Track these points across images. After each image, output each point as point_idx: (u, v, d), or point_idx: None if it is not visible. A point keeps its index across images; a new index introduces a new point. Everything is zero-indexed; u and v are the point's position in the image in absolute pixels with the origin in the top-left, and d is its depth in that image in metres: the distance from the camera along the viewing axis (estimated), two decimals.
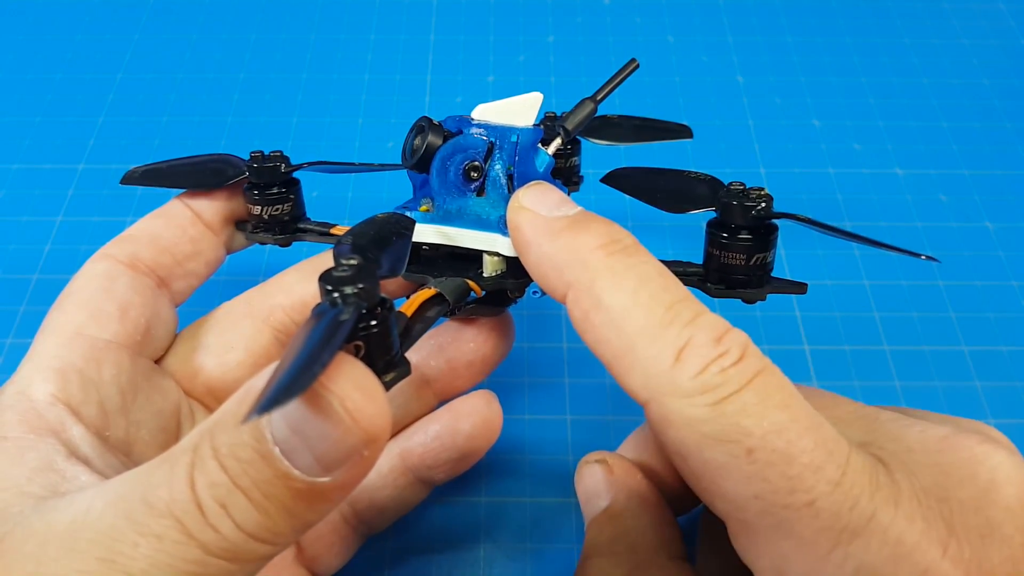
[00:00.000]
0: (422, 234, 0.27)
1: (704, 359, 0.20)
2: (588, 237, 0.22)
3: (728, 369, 0.20)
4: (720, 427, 0.19)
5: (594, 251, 0.22)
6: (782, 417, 0.19)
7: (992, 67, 0.52)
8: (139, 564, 0.18)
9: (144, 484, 0.19)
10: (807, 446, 0.19)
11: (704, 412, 0.20)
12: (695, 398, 0.20)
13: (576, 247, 0.22)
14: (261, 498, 0.18)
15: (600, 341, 0.22)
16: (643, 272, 0.22)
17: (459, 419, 0.30)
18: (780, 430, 0.19)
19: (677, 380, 0.20)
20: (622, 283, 0.21)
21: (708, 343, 0.20)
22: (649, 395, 0.21)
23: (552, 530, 0.34)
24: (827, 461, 0.19)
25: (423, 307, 0.25)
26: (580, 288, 0.22)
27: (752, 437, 0.19)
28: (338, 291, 0.18)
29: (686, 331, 0.21)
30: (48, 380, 0.25)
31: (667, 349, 0.20)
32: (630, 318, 0.21)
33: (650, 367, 0.20)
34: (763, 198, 0.25)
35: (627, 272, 0.22)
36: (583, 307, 0.22)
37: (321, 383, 0.18)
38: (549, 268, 0.23)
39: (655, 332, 0.21)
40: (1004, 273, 0.42)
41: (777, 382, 0.20)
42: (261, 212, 0.30)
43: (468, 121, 0.27)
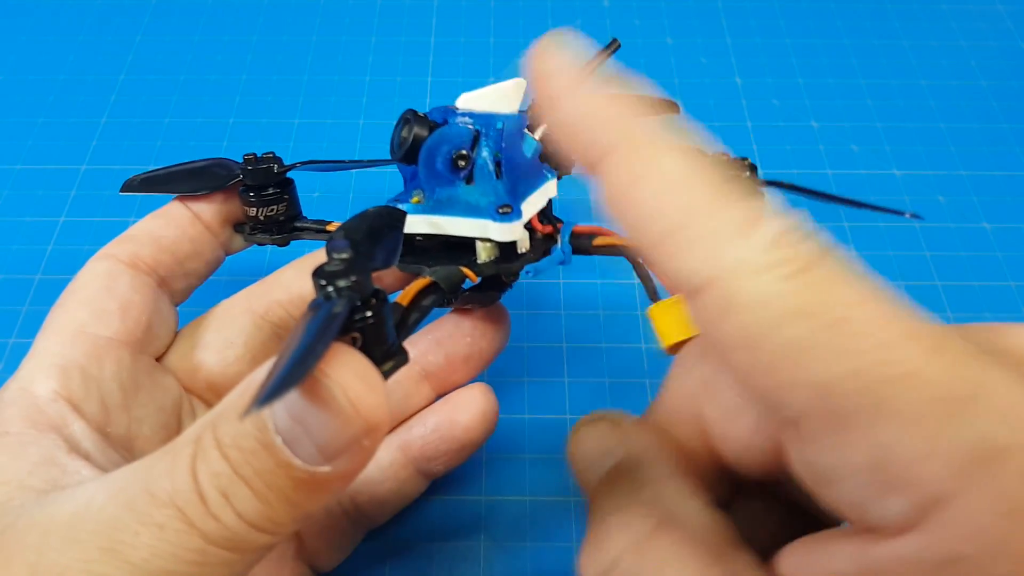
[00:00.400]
0: (414, 225, 0.27)
1: (775, 230, 0.18)
2: (630, 101, 0.20)
3: (800, 243, 0.17)
4: (803, 299, 0.17)
5: (640, 116, 0.19)
6: (863, 288, 0.17)
7: (990, 68, 0.53)
8: (141, 553, 0.18)
9: (146, 475, 0.19)
10: (895, 314, 0.17)
11: (782, 285, 0.17)
12: (771, 271, 0.17)
13: (621, 108, 0.19)
14: (263, 487, 0.18)
15: (648, 215, 0.18)
16: (693, 149, 0.19)
17: (457, 411, 0.30)
18: (867, 299, 0.17)
19: (747, 253, 0.17)
20: (675, 153, 0.19)
21: (776, 217, 0.18)
22: (712, 273, 0.18)
23: (551, 528, 0.34)
24: (920, 331, 0.17)
25: (419, 296, 0.25)
26: (626, 151, 0.19)
27: (838, 307, 0.17)
28: (331, 285, 0.19)
29: (751, 203, 0.18)
30: (50, 377, 0.25)
31: (732, 221, 0.18)
32: (688, 188, 0.18)
33: (714, 240, 0.18)
34: (747, 168, 0.25)
35: (678, 143, 0.19)
36: (627, 173, 0.19)
37: (322, 372, 0.18)
38: (588, 126, 0.20)
39: (716, 204, 0.18)
40: (1002, 274, 0.42)
41: (847, 259, 0.18)
42: (257, 213, 0.30)
43: (453, 111, 0.28)
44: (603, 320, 0.40)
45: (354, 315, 0.19)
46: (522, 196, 0.27)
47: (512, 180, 0.27)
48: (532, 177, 0.28)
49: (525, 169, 0.28)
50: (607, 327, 0.40)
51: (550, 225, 0.28)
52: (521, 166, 0.28)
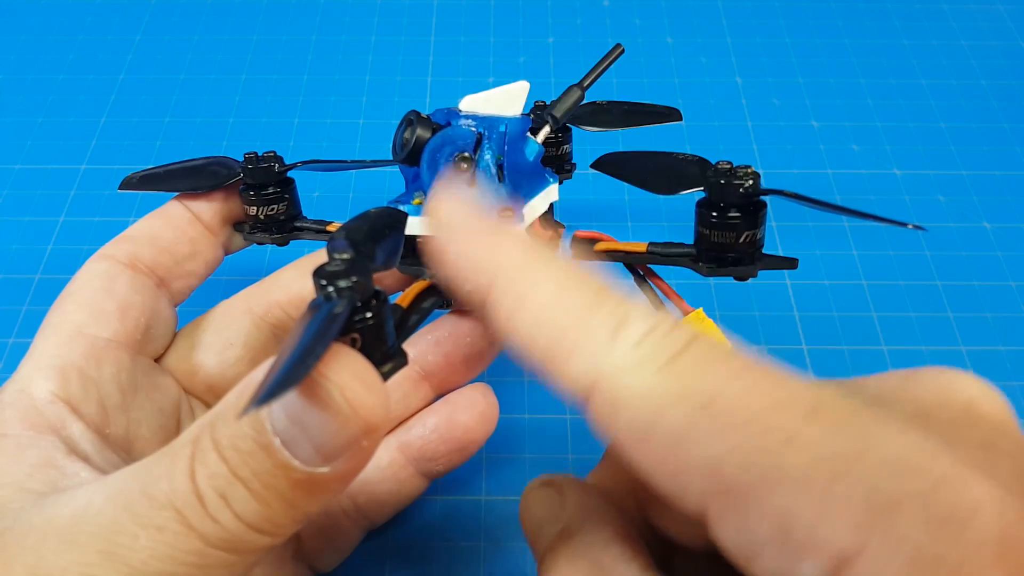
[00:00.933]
0: (415, 227, 0.27)
1: (643, 328, 0.19)
2: (504, 237, 0.21)
3: (666, 336, 0.18)
4: (673, 388, 0.18)
5: (513, 249, 0.21)
6: (733, 364, 0.18)
7: (990, 68, 0.53)
8: (139, 556, 0.18)
9: (144, 477, 0.19)
10: (766, 387, 0.18)
11: (654, 379, 0.18)
12: (641, 367, 0.18)
13: (495, 245, 0.21)
14: (261, 489, 0.18)
15: (528, 340, 0.20)
16: (565, 266, 0.20)
17: (456, 411, 0.30)
18: (736, 375, 0.18)
19: (618, 354, 0.18)
20: (545, 276, 0.20)
21: (643, 316, 0.19)
22: (591, 379, 0.19)
23: None
24: (793, 394, 0.18)
25: (419, 298, 0.25)
26: (503, 285, 0.20)
27: (709, 388, 0.18)
28: (332, 285, 0.19)
29: (620, 308, 0.19)
30: (48, 378, 0.25)
31: (603, 327, 0.19)
32: (559, 307, 0.19)
33: (587, 348, 0.19)
34: (750, 176, 0.25)
35: (548, 266, 0.20)
36: (506, 307, 0.20)
37: (321, 373, 0.18)
38: (470, 267, 0.21)
39: (588, 314, 0.19)
40: (1002, 273, 0.42)
41: (715, 341, 0.19)
42: (257, 212, 0.30)
43: (456, 113, 0.27)
44: None
45: (354, 316, 0.19)
46: (524, 200, 0.27)
47: (514, 183, 0.27)
48: (534, 181, 0.28)
49: (527, 173, 0.28)
50: None
51: (551, 229, 0.28)
52: (523, 169, 0.28)
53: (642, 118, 0.34)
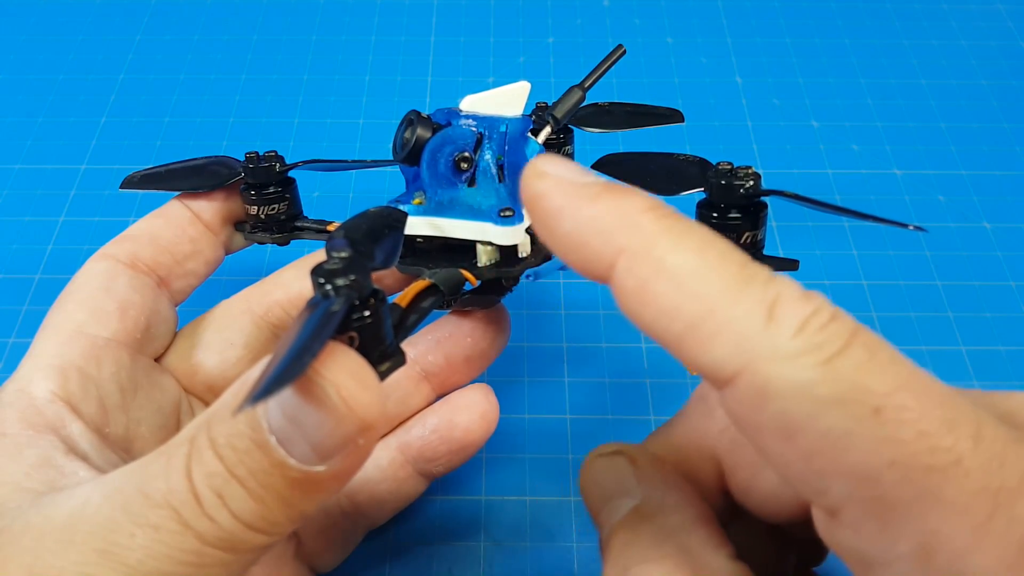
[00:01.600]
0: (415, 227, 0.27)
1: (800, 315, 0.17)
2: (632, 200, 0.19)
3: (828, 325, 0.17)
4: (838, 388, 0.17)
5: (644, 213, 0.19)
6: (901, 371, 0.17)
7: (990, 68, 0.53)
8: (136, 555, 0.18)
9: (141, 476, 0.19)
10: (935, 401, 0.17)
11: (816, 373, 0.17)
12: (802, 358, 0.17)
13: (624, 209, 0.19)
14: (257, 487, 0.18)
15: (667, 312, 0.18)
16: (701, 233, 0.19)
17: (456, 412, 0.30)
18: (904, 385, 0.17)
19: (776, 340, 0.17)
20: (685, 243, 0.18)
21: (798, 298, 0.17)
22: (742, 363, 0.17)
23: (551, 527, 0.34)
24: (959, 416, 0.17)
25: (418, 298, 0.25)
26: (636, 252, 0.18)
27: (876, 395, 0.16)
28: (330, 283, 0.19)
29: (771, 286, 0.18)
30: (48, 377, 0.25)
31: (756, 307, 0.17)
32: (704, 279, 0.18)
33: (739, 330, 0.17)
34: (751, 176, 0.25)
35: (687, 233, 0.19)
36: (640, 274, 0.18)
37: (316, 371, 0.18)
38: (592, 234, 0.19)
39: (737, 291, 0.17)
40: (1002, 273, 0.42)
41: (877, 339, 0.18)
42: (258, 212, 0.30)
43: (456, 113, 0.27)
44: (603, 320, 0.40)
45: (352, 314, 0.19)
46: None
47: (515, 184, 0.27)
48: None
49: None
50: (607, 327, 0.40)
51: None
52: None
53: (644, 120, 0.34)
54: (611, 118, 0.33)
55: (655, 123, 0.34)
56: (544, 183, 0.20)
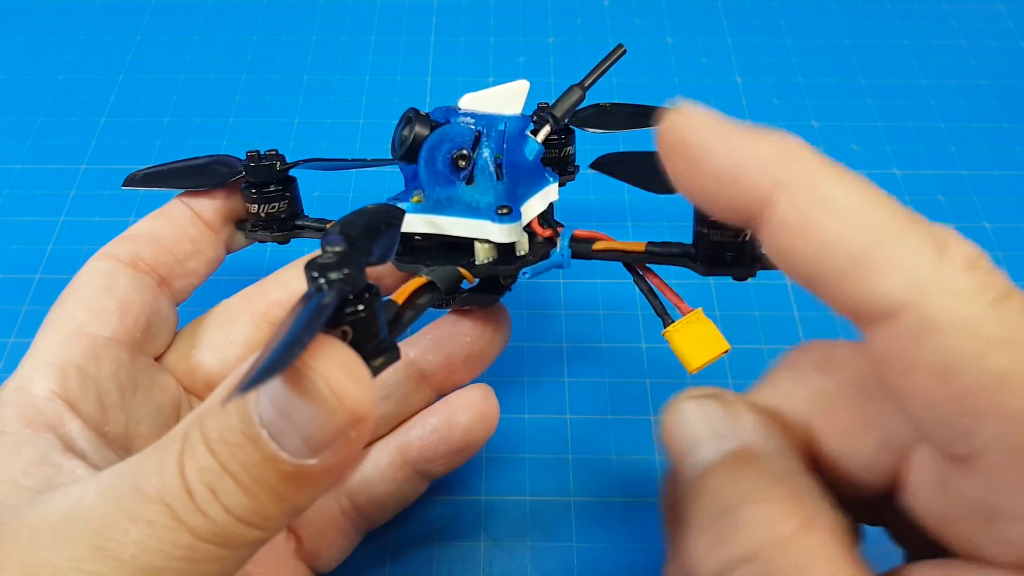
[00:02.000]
0: (412, 224, 0.27)
1: (970, 255, 0.17)
2: (791, 138, 0.19)
3: (995, 269, 0.17)
4: (1007, 329, 0.16)
5: (804, 148, 0.19)
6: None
7: (990, 68, 0.53)
8: (129, 550, 0.18)
9: (135, 472, 0.19)
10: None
11: (986, 312, 0.16)
12: (973, 296, 0.17)
13: (783, 143, 0.19)
14: (250, 481, 0.18)
15: (832, 245, 0.18)
16: (860, 177, 0.19)
17: (456, 412, 0.30)
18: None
19: (949, 275, 0.17)
20: (849, 179, 0.18)
21: (965, 240, 0.17)
22: (911, 296, 0.17)
23: (551, 528, 0.34)
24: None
25: (414, 295, 0.25)
26: (798, 185, 0.18)
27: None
28: (323, 277, 0.19)
29: (937, 227, 0.17)
30: (47, 376, 0.25)
31: (927, 242, 0.17)
32: (872, 212, 0.18)
33: (910, 263, 0.17)
34: None
35: (847, 171, 0.18)
36: (803, 207, 0.18)
37: (305, 363, 0.18)
38: (749, 167, 0.19)
39: (906, 226, 0.17)
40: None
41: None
42: (258, 210, 0.31)
43: (455, 111, 0.27)
44: (603, 320, 0.40)
45: (345, 308, 0.19)
46: (522, 198, 0.27)
47: (513, 182, 0.27)
48: (533, 180, 0.28)
49: (526, 172, 0.28)
50: (607, 327, 0.40)
51: (550, 229, 0.28)
52: (522, 168, 0.28)
53: (645, 120, 0.34)
54: (612, 119, 0.33)
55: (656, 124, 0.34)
56: (690, 120, 0.20)
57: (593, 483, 0.35)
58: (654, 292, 0.28)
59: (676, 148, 0.20)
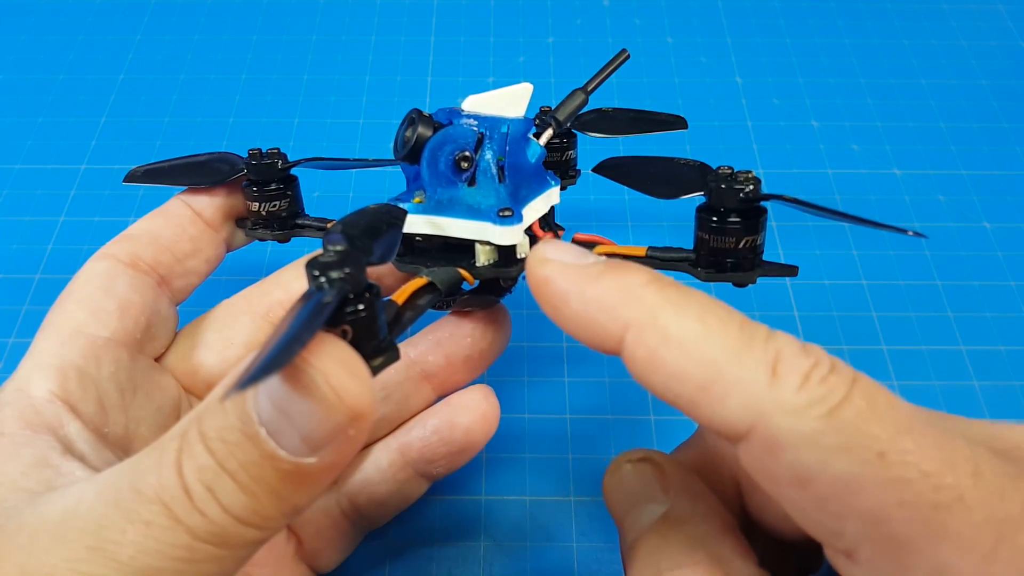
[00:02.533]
0: (414, 225, 0.27)
1: (802, 369, 0.19)
2: (633, 276, 0.21)
3: (828, 377, 0.18)
4: (843, 436, 0.18)
5: (645, 287, 0.21)
6: (899, 416, 0.18)
7: (990, 68, 0.53)
8: (127, 551, 0.18)
9: (133, 472, 0.19)
10: (933, 441, 0.18)
11: (821, 423, 0.18)
12: (807, 411, 0.18)
13: (626, 285, 0.21)
14: (248, 480, 0.18)
15: (677, 377, 0.20)
16: (701, 299, 0.20)
17: (457, 413, 0.30)
18: (904, 429, 0.18)
19: (782, 395, 0.18)
20: (686, 311, 0.20)
21: (798, 353, 0.19)
22: (753, 419, 0.19)
23: (551, 528, 0.34)
24: (957, 454, 0.18)
25: (414, 295, 0.25)
26: (642, 324, 0.20)
27: (880, 440, 0.18)
28: (324, 275, 0.19)
29: (770, 345, 0.19)
30: (47, 377, 0.25)
31: (760, 365, 0.19)
32: (708, 343, 0.19)
33: (747, 388, 0.19)
34: (751, 181, 0.25)
35: (687, 301, 0.20)
36: (649, 345, 0.20)
37: (304, 360, 0.18)
38: (598, 312, 0.21)
39: (740, 351, 0.19)
40: (1002, 273, 0.42)
41: (875, 385, 0.19)
42: (259, 209, 0.31)
43: (458, 112, 0.27)
44: None
45: (345, 307, 0.19)
46: (524, 201, 0.27)
47: (515, 184, 0.27)
48: (535, 183, 0.28)
49: (528, 174, 0.28)
50: None
51: (551, 232, 0.28)
52: (525, 171, 0.28)
53: (648, 126, 0.34)
54: (614, 123, 0.33)
55: (658, 129, 0.34)
56: (548, 268, 0.22)
57: (593, 483, 0.35)
58: None
59: (539, 295, 0.22)
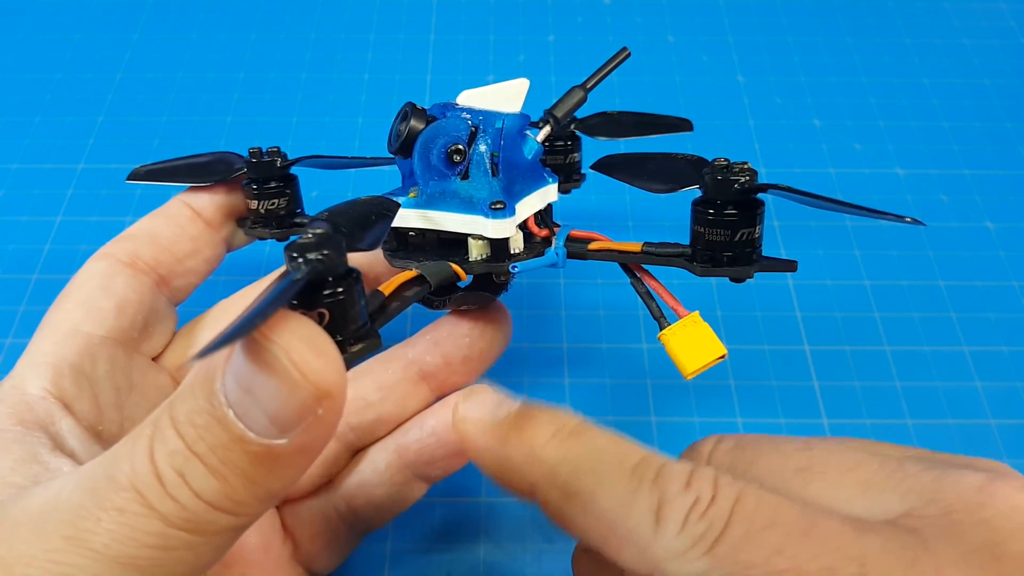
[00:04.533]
0: (406, 219, 0.27)
1: (682, 511, 0.20)
2: (537, 433, 0.22)
3: (707, 512, 0.20)
4: (727, 567, 0.19)
5: (545, 447, 0.22)
6: (774, 536, 0.19)
7: (993, 67, 0.52)
8: (102, 539, 0.18)
9: (109, 461, 0.19)
10: (811, 553, 0.19)
11: (703, 563, 0.19)
12: (689, 553, 0.19)
13: (528, 445, 0.22)
14: (218, 464, 0.18)
15: (582, 530, 0.21)
16: (596, 447, 0.22)
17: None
18: (778, 549, 0.19)
19: (666, 542, 0.19)
20: (582, 467, 0.21)
21: (680, 493, 0.20)
22: (648, 567, 0.20)
23: (551, 530, 0.34)
24: (838, 559, 0.19)
25: (402, 287, 0.25)
26: (544, 485, 0.22)
27: (756, 567, 0.19)
28: (301, 256, 0.19)
29: (655, 489, 0.20)
30: (41, 375, 0.25)
31: (645, 515, 0.20)
32: (601, 498, 0.21)
33: (637, 539, 0.20)
34: (746, 172, 0.25)
35: (583, 454, 0.21)
36: (553, 503, 0.22)
37: (266, 336, 0.17)
38: (509, 472, 0.22)
39: (628, 503, 0.20)
40: (1005, 273, 0.42)
41: (755, 502, 0.20)
42: (258, 206, 0.31)
43: (453, 107, 0.27)
44: (603, 320, 0.40)
45: (324, 290, 0.19)
46: (518, 196, 0.27)
47: (509, 179, 0.27)
48: (531, 178, 0.28)
49: (523, 169, 0.28)
50: (607, 327, 0.40)
51: (547, 229, 0.28)
52: (519, 166, 0.27)
53: (653, 128, 0.34)
54: (620, 127, 0.33)
55: (663, 132, 0.34)
56: (464, 426, 0.23)
57: None
58: (650, 294, 0.28)
59: (463, 445, 0.24)
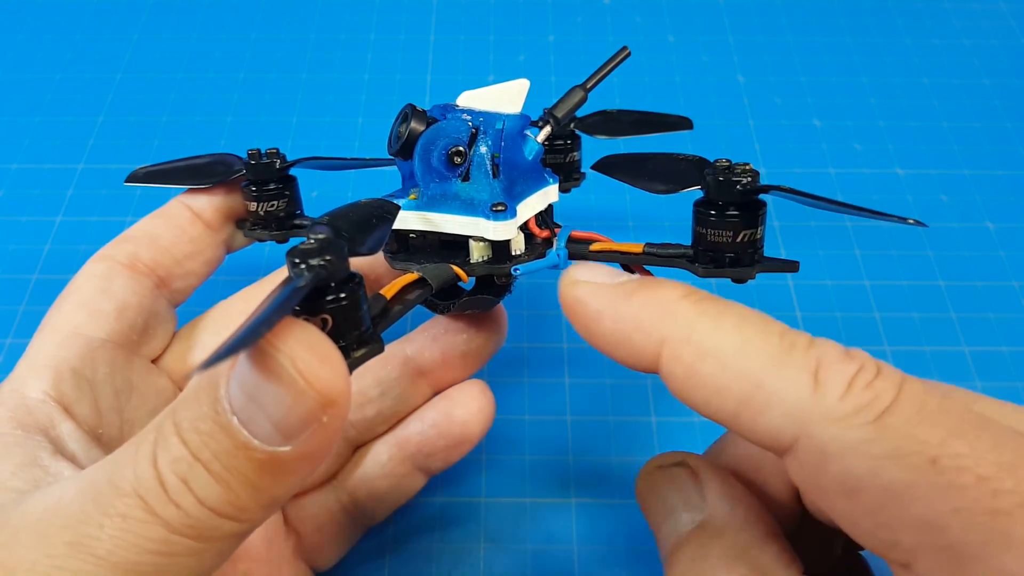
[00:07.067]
0: (406, 221, 0.27)
1: (844, 376, 0.18)
2: (667, 291, 0.21)
3: (873, 382, 0.18)
4: (892, 443, 0.17)
5: (679, 301, 0.20)
6: (949, 420, 0.18)
7: (993, 67, 0.52)
8: (104, 545, 0.18)
9: (112, 467, 0.19)
10: (987, 444, 0.17)
11: (869, 431, 0.17)
12: (853, 419, 0.18)
13: (660, 301, 0.21)
14: (222, 471, 0.18)
15: (717, 390, 0.19)
16: (737, 311, 0.20)
17: (454, 406, 0.30)
18: (955, 432, 0.17)
19: (825, 404, 0.18)
20: (723, 324, 0.20)
21: (840, 359, 0.19)
22: (797, 430, 0.18)
23: (551, 529, 0.34)
24: (1017, 458, 0.17)
25: (404, 290, 0.25)
26: (678, 340, 0.20)
27: (931, 445, 0.17)
28: (304, 262, 0.18)
29: (812, 353, 0.19)
30: (42, 378, 0.25)
31: (802, 374, 0.18)
32: (747, 355, 0.19)
33: (789, 398, 0.18)
34: (748, 173, 0.25)
35: (723, 313, 0.20)
36: (686, 360, 0.20)
37: (272, 344, 0.17)
38: (632, 330, 0.21)
39: (780, 361, 0.19)
40: (1005, 273, 0.42)
41: (923, 387, 0.18)
42: (258, 208, 0.31)
43: (453, 108, 0.27)
44: None
45: (326, 295, 0.19)
46: (519, 197, 0.27)
47: (510, 180, 0.27)
48: (532, 179, 0.28)
49: (524, 170, 0.28)
50: None
51: (548, 230, 0.28)
52: (520, 167, 0.27)
53: (652, 127, 0.34)
54: (619, 125, 0.33)
55: (663, 130, 0.34)
56: (580, 289, 0.22)
57: (593, 485, 0.35)
58: None
59: (572, 316, 0.22)
